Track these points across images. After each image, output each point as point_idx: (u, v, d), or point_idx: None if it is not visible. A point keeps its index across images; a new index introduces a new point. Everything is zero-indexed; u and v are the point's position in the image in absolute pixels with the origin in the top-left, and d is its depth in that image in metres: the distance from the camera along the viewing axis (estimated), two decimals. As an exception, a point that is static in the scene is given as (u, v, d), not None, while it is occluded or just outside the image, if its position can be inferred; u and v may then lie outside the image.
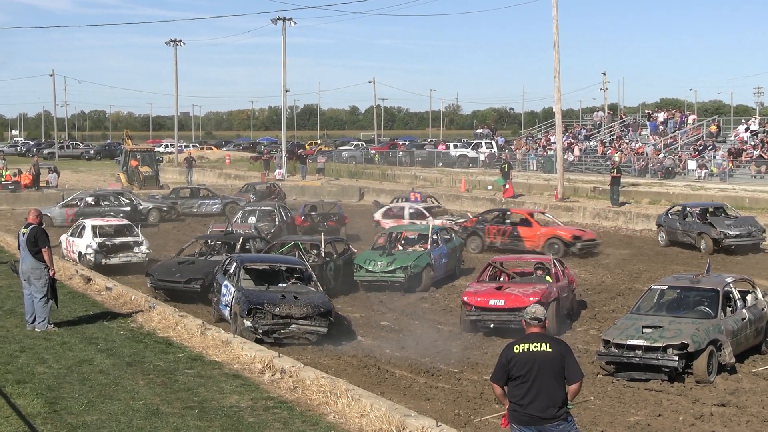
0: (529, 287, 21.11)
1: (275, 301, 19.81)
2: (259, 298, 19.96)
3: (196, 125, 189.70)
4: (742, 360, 17.96)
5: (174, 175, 74.31)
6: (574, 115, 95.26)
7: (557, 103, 50.21)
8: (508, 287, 21.42)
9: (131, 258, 29.76)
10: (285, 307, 19.58)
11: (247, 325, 19.35)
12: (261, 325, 19.34)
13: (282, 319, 19.46)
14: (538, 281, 21.93)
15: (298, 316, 19.48)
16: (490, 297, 20.61)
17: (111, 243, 30.08)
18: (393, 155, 79.38)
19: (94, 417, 12.57)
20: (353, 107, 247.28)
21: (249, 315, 19.44)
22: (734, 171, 51.86)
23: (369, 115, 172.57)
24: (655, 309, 18.54)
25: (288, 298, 20.00)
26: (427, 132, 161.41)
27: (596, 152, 63.07)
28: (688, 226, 33.78)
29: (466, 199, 52.11)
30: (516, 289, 21.16)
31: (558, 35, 47.76)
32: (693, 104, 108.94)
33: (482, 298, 20.61)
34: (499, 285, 21.82)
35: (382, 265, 26.22)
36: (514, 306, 19.90)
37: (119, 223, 32.39)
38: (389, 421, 12.11)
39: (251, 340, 18.62)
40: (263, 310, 19.48)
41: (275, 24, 71.60)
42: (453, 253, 28.82)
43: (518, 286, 21.49)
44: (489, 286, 21.58)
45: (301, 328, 19.48)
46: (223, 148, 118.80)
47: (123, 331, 18.52)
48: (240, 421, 12.51)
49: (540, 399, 9.36)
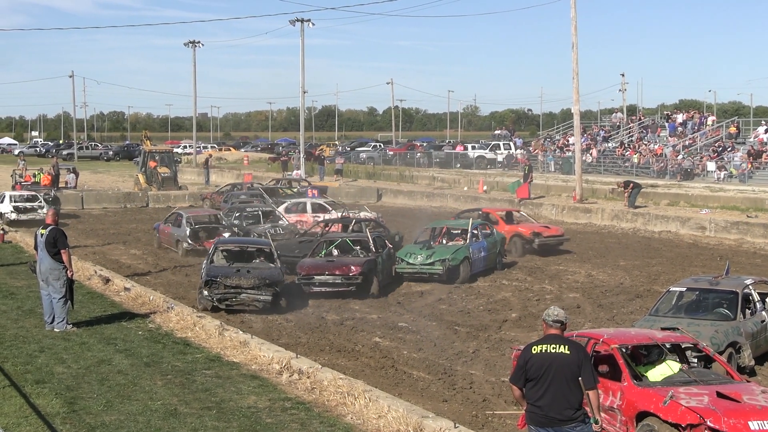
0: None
1: (229, 274, 23.00)
2: (216, 272, 23.25)
3: (214, 126, 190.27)
4: (762, 362, 17.87)
5: (192, 176, 74.51)
6: (592, 116, 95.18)
7: (576, 104, 50.12)
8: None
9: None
10: (235, 278, 22.78)
11: (205, 294, 22.66)
12: (215, 294, 22.56)
13: (233, 289, 22.61)
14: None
15: (247, 286, 22.67)
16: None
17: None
18: (411, 156, 79.34)
19: (113, 417, 12.61)
20: (371, 108, 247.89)
21: (206, 286, 22.80)
22: (753, 172, 51.64)
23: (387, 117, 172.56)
24: (673, 311, 18.46)
25: (241, 272, 23.20)
26: (445, 133, 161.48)
27: (615, 154, 62.91)
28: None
29: (484, 200, 51.97)
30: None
31: (576, 36, 47.72)
32: (712, 105, 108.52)
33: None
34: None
35: (422, 258, 27.33)
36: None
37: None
38: (407, 423, 12.12)
39: (208, 308, 22.34)
40: (217, 281, 22.75)
41: (293, 25, 71.73)
42: (493, 248, 29.48)
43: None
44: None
45: (250, 296, 22.63)
46: (241, 149, 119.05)
47: (141, 332, 18.57)
48: (258, 422, 12.53)
49: (557, 401, 9.33)
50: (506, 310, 23.39)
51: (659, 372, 13.46)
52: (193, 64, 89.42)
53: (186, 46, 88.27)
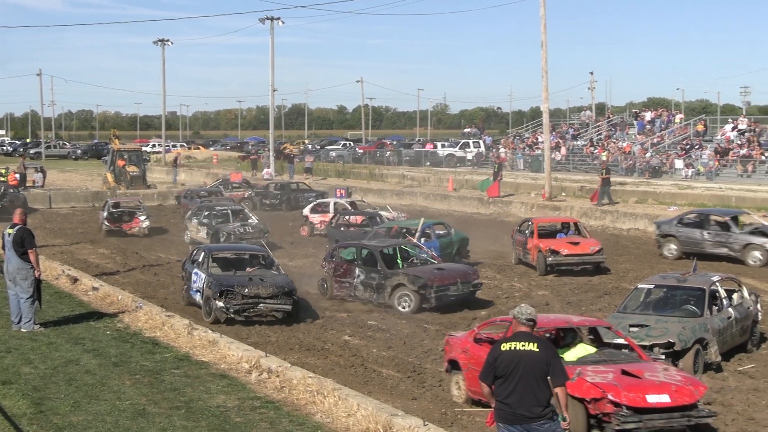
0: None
1: (244, 283, 21.72)
2: (230, 281, 21.86)
3: (183, 125, 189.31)
4: (728, 358, 18.02)
5: (161, 174, 74.19)
6: (561, 114, 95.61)
7: (545, 103, 50.28)
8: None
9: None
10: (253, 288, 21.51)
11: (219, 306, 21.35)
12: (232, 305, 21.33)
13: (251, 299, 21.39)
14: None
15: (266, 295, 21.45)
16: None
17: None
18: (380, 155, 79.36)
19: (81, 417, 12.53)
20: (341, 107, 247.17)
21: (221, 296, 21.41)
22: (721, 170, 52.02)
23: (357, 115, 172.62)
24: (641, 308, 18.57)
25: (255, 280, 21.95)
26: (414, 131, 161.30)
27: (583, 152, 63.21)
28: (725, 237, 30.75)
29: (454, 198, 52.18)
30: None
31: (546, 35, 47.85)
32: (680, 103, 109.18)
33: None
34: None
35: None
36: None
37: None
38: (376, 421, 12.12)
39: (222, 320, 21.25)
40: (234, 291, 21.43)
41: (263, 23, 71.86)
42: (447, 248, 29.11)
43: None
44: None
45: (269, 306, 21.48)
46: (210, 147, 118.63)
47: (109, 331, 18.47)
48: (227, 421, 12.49)
49: (525, 398, 9.36)
50: (475, 308, 23.45)
51: (575, 353, 14.45)
52: (162, 63, 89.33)
53: (155, 45, 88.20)
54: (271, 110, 78.21)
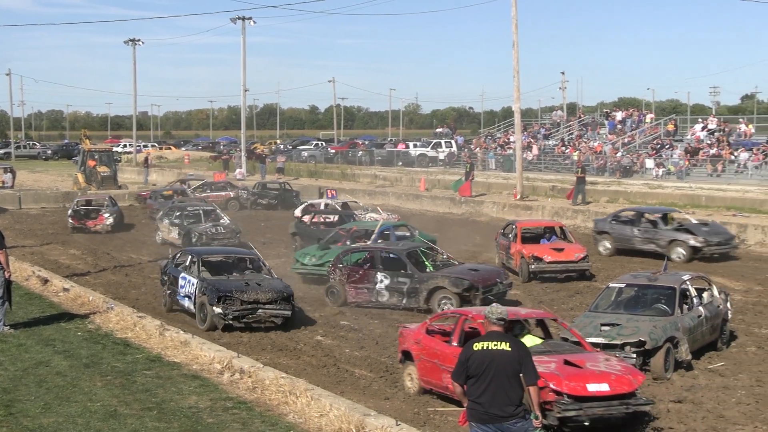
0: None
1: (242, 288, 20.93)
2: (227, 286, 21.08)
3: (154, 125, 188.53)
4: (699, 357, 18.14)
5: (132, 175, 73.84)
6: (533, 114, 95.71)
7: (516, 102, 50.41)
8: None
9: None
10: (252, 293, 20.73)
11: (217, 312, 20.53)
12: (231, 311, 20.50)
13: (250, 304, 20.59)
14: None
15: (265, 301, 20.68)
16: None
17: None
18: (353, 155, 79.31)
19: (51, 419, 12.47)
20: (313, 107, 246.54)
21: (219, 302, 20.55)
22: (691, 169, 52.32)
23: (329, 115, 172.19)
24: (613, 307, 18.66)
25: (252, 285, 21.16)
26: (386, 131, 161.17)
27: (555, 151, 63.43)
28: (653, 234, 31.61)
29: (426, 198, 52.21)
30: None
31: (517, 35, 47.97)
32: (650, 103, 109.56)
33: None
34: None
35: (315, 259, 27.12)
36: None
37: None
38: (349, 421, 12.12)
39: (219, 326, 20.46)
40: (232, 297, 20.58)
41: (235, 23, 71.68)
42: None
43: None
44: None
45: (267, 312, 20.71)
46: (182, 147, 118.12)
47: (80, 333, 18.37)
48: (199, 422, 12.46)
49: (498, 397, 9.37)
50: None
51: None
52: (133, 63, 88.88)
53: (126, 44, 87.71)
54: (242, 110, 78.04)
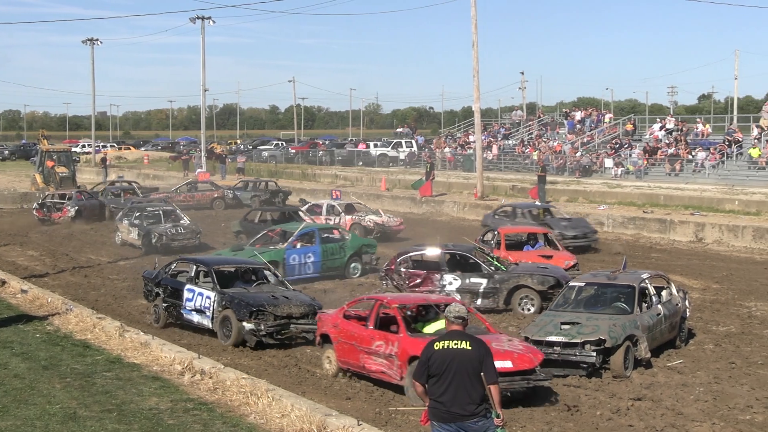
0: None
1: (272, 302, 19.67)
2: (257, 299, 19.74)
3: (113, 125, 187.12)
4: (658, 354, 18.29)
5: (91, 175, 73.35)
6: (493, 114, 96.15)
7: (476, 102, 50.62)
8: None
9: None
10: (285, 307, 19.54)
11: (249, 328, 19.12)
12: (265, 327, 19.08)
13: (283, 319, 19.35)
14: None
15: (297, 315, 19.54)
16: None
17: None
18: (313, 155, 79.25)
19: (9, 422, 12.34)
20: (273, 107, 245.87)
21: (251, 318, 19.17)
22: (649, 169, 52.79)
23: (289, 115, 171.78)
24: (573, 305, 18.78)
25: (281, 299, 19.93)
26: (347, 131, 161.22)
27: (515, 151, 63.72)
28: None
29: (387, 198, 52.26)
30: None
31: (476, 35, 48.19)
32: (609, 103, 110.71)
33: None
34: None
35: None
36: None
37: None
38: (310, 421, 12.11)
39: (252, 343, 19.02)
40: (266, 311, 19.27)
41: (194, 23, 71.55)
42: (336, 254, 28.38)
43: None
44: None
45: (299, 327, 19.46)
46: (141, 148, 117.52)
47: (39, 335, 18.21)
48: (159, 424, 12.39)
49: (459, 396, 9.39)
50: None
51: (434, 327, 16.45)
52: (91, 62, 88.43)
53: (84, 44, 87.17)
54: (202, 110, 77.85)
